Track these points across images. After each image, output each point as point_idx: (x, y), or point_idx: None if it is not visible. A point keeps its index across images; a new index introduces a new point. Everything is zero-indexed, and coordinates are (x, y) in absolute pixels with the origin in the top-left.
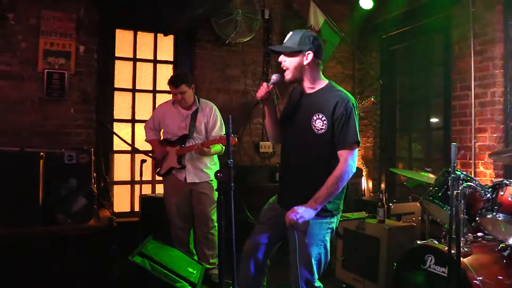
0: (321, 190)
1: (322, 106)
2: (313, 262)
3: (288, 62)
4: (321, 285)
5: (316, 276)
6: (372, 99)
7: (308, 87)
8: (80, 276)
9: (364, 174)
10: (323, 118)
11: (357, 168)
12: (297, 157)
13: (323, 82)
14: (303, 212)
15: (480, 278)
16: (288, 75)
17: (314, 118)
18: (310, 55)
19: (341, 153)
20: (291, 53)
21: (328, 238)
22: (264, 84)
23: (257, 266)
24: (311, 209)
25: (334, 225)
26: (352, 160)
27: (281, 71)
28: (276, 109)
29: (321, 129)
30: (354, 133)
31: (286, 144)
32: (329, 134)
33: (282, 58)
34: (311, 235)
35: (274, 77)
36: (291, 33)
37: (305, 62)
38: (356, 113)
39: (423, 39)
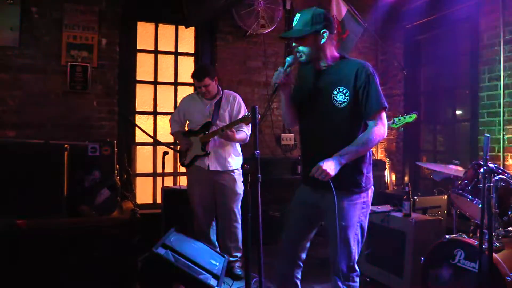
0: (350, 146)
1: (342, 79)
2: (352, 244)
3: (305, 44)
4: (358, 270)
5: (356, 258)
6: (415, 116)
7: (323, 62)
8: (104, 267)
9: (387, 166)
10: (345, 91)
11: (380, 160)
12: (321, 134)
13: (337, 56)
14: (329, 169)
15: None
16: (305, 58)
17: (335, 92)
18: (326, 34)
19: (370, 119)
20: (305, 36)
21: (364, 219)
22: (280, 68)
23: (292, 260)
24: (337, 164)
25: (369, 203)
26: (382, 125)
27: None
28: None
29: (343, 102)
30: (379, 99)
31: (307, 124)
32: (351, 106)
33: (296, 42)
34: (347, 218)
35: (289, 59)
36: (299, 14)
37: (322, 41)
38: (376, 77)
39: (449, 28)
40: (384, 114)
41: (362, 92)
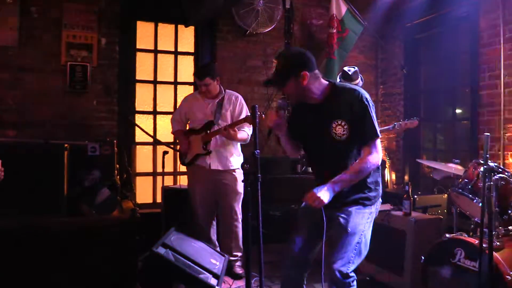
0: (343, 175)
1: (338, 111)
2: (351, 252)
3: (288, 90)
4: (354, 275)
5: (352, 266)
6: (417, 121)
7: (314, 98)
8: (104, 266)
9: (387, 165)
10: (343, 123)
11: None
12: (324, 164)
13: (326, 86)
14: (322, 196)
15: None
16: (293, 100)
17: (333, 125)
18: (305, 75)
19: (365, 148)
20: (286, 84)
21: (368, 229)
22: (272, 111)
23: (301, 267)
24: (330, 192)
25: (374, 215)
26: (376, 152)
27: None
28: (286, 129)
29: (343, 134)
30: (372, 128)
31: (309, 154)
32: (350, 136)
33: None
34: (352, 225)
35: (280, 102)
36: (275, 60)
37: (305, 83)
38: (371, 105)
39: (449, 27)
40: (378, 141)
41: (358, 122)
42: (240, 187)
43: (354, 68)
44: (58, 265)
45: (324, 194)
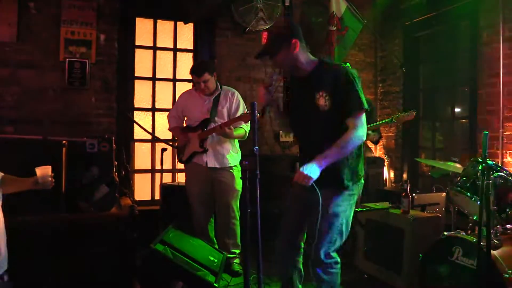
0: (329, 150)
1: (323, 83)
2: (333, 233)
3: (279, 59)
4: (337, 257)
5: (335, 246)
6: (415, 113)
7: (302, 70)
8: (102, 263)
9: (386, 164)
10: (325, 95)
11: (379, 158)
12: (310, 138)
13: (315, 61)
14: (310, 173)
15: (511, 271)
16: (283, 70)
17: (317, 97)
18: (295, 43)
19: (350, 121)
20: (278, 51)
21: (349, 209)
22: (262, 88)
23: (292, 245)
24: (317, 167)
25: (356, 196)
26: (361, 126)
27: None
28: (278, 105)
29: (325, 105)
30: (358, 100)
31: (297, 129)
32: (334, 109)
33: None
34: (333, 207)
35: (274, 76)
36: (266, 33)
37: (294, 51)
38: (357, 80)
39: (449, 25)
40: (363, 117)
41: (342, 95)
42: (238, 184)
43: (345, 64)
44: (56, 262)
45: (312, 171)
